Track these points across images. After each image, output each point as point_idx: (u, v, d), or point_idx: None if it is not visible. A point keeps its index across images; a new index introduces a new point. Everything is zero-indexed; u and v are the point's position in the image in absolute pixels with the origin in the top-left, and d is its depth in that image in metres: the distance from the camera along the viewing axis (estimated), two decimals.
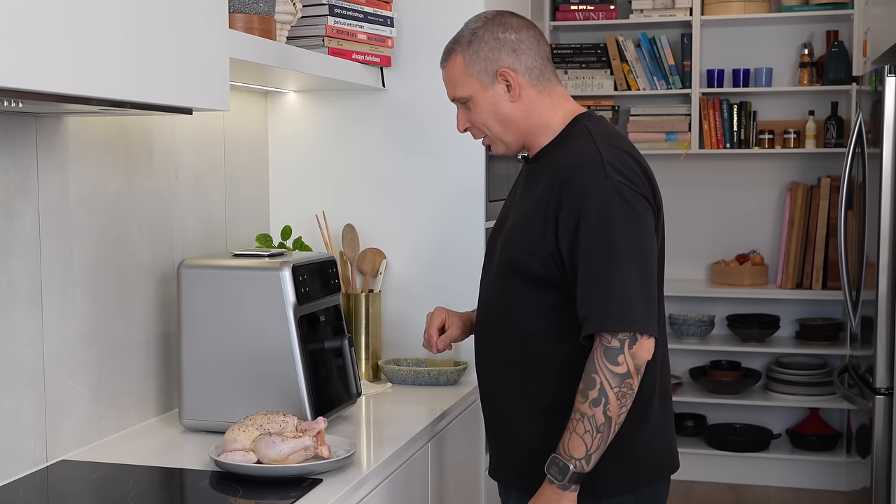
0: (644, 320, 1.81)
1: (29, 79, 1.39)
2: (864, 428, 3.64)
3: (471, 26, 1.99)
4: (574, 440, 1.82)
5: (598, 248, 1.82)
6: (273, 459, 1.91)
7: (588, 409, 1.80)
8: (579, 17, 4.96)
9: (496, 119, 1.99)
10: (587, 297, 1.83)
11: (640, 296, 1.82)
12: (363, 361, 2.79)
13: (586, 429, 1.81)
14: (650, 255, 1.86)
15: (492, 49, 1.95)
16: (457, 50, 1.99)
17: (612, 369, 1.79)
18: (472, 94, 1.98)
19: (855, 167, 3.81)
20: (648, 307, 1.83)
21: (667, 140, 4.93)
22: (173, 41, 1.74)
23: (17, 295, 1.95)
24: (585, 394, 1.81)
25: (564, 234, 1.86)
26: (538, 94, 1.98)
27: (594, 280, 1.82)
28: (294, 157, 2.97)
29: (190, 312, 2.27)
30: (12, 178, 1.93)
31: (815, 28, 4.91)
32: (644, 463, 1.96)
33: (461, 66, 1.98)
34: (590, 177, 1.84)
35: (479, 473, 2.80)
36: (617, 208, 1.82)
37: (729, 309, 5.05)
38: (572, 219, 1.84)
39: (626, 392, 1.81)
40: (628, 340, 1.80)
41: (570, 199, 1.85)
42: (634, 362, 1.80)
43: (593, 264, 1.82)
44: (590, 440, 1.81)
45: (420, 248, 2.89)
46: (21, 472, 1.96)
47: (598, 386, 1.80)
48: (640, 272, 1.83)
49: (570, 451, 1.82)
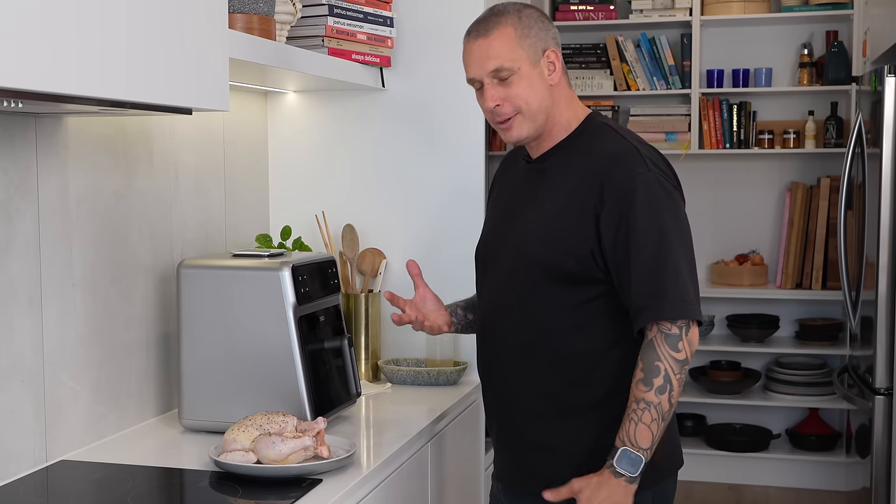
0: (698, 306, 1.85)
1: (29, 79, 1.39)
2: (863, 428, 3.64)
3: (511, 7, 1.95)
4: (641, 430, 1.82)
5: (650, 239, 1.84)
6: (273, 459, 1.91)
7: (654, 398, 1.81)
8: (579, 17, 4.96)
9: (535, 96, 1.94)
10: (643, 288, 1.84)
11: (692, 283, 1.86)
12: (363, 361, 2.79)
13: (653, 417, 1.81)
14: (691, 243, 1.91)
15: (541, 29, 1.95)
16: (506, 21, 1.93)
17: (675, 356, 1.82)
18: (521, 66, 1.92)
19: (854, 167, 3.81)
20: (697, 294, 1.87)
21: (666, 140, 4.93)
22: (173, 41, 1.74)
23: (17, 295, 1.95)
24: (650, 382, 1.81)
25: (608, 228, 1.86)
26: (566, 87, 2.01)
27: (649, 271, 1.83)
28: (294, 158, 2.97)
29: (190, 313, 2.27)
30: (12, 178, 1.93)
31: (815, 28, 4.91)
32: (662, 457, 1.96)
33: (512, 35, 1.92)
34: (633, 170, 1.87)
35: (479, 473, 2.80)
36: (663, 199, 1.86)
37: (728, 309, 5.05)
38: (617, 213, 1.85)
39: (683, 379, 1.85)
40: (685, 327, 1.83)
41: (614, 193, 1.86)
42: (690, 348, 1.84)
43: (646, 255, 1.84)
44: (656, 428, 1.82)
45: (419, 248, 2.89)
46: (21, 472, 1.96)
47: (663, 373, 1.81)
48: (688, 260, 1.87)
49: (639, 441, 1.82)
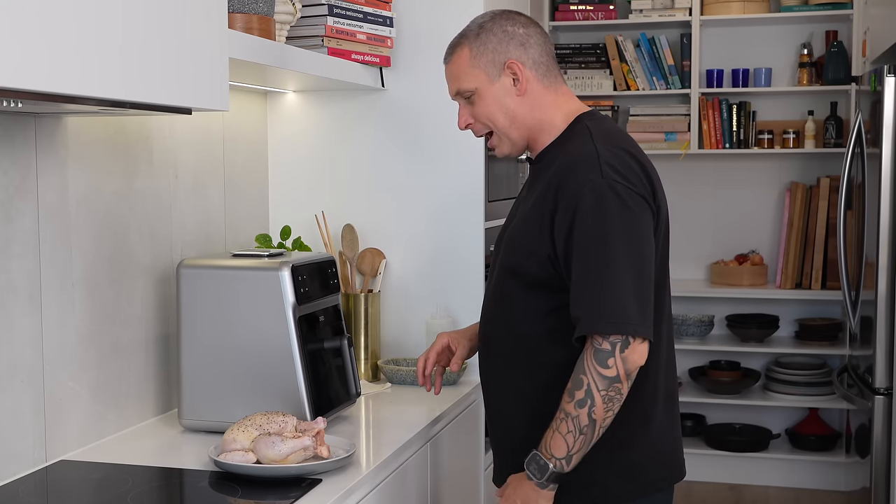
0: (637, 323, 1.77)
1: (29, 79, 1.39)
2: (863, 428, 3.64)
3: (478, 21, 1.98)
4: (556, 439, 1.80)
5: (591, 247, 1.79)
6: (272, 459, 1.91)
7: (573, 410, 1.78)
8: (578, 17, 4.96)
9: (502, 113, 1.96)
10: (579, 297, 1.80)
11: (634, 298, 1.78)
12: (362, 361, 2.79)
13: (569, 429, 1.78)
14: (646, 255, 1.82)
15: (500, 41, 1.94)
16: (463, 43, 1.97)
17: (601, 372, 1.76)
18: (478, 86, 1.95)
19: (854, 167, 3.81)
20: (643, 310, 1.78)
21: (666, 140, 4.93)
22: (173, 41, 1.74)
23: (17, 295, 1.95)
24: (572, 393, 1.78)
25: (559, 233, 1.83)
26: (544, 91, 1.97)
27: (586, 280, 1.79)
28: (293, 157, 2.97)
29: (189, 312, 2.27)
30: (12, 178, 1.93)
31: (815, 28, 4.91)
32: (646, 470, 1.93)
33: (467, 58, 1.95)
34: (585, 176, 1.82)
35: (479, 474, 2.80)
36: (612, 208, 1.79)
37: (728, 309, 5.05)
38: (567, 218, 1.82)
39: (613, 396, 1.77)
40: (620, 343, 1.76)
41: (565, 198, 1.83)
42: (625, 367, 1.76)
43: (586, 264, 1.79)
44: (572, 440, 1.79)
45: (419, 248, 2.89)
46: (20, 472, 1.96)
47: (585, 387, 1.76)
48: (635, 273, 1.79)
49: (552, 449, 1.80)
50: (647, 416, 1.92)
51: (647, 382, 1.90)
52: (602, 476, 1.89)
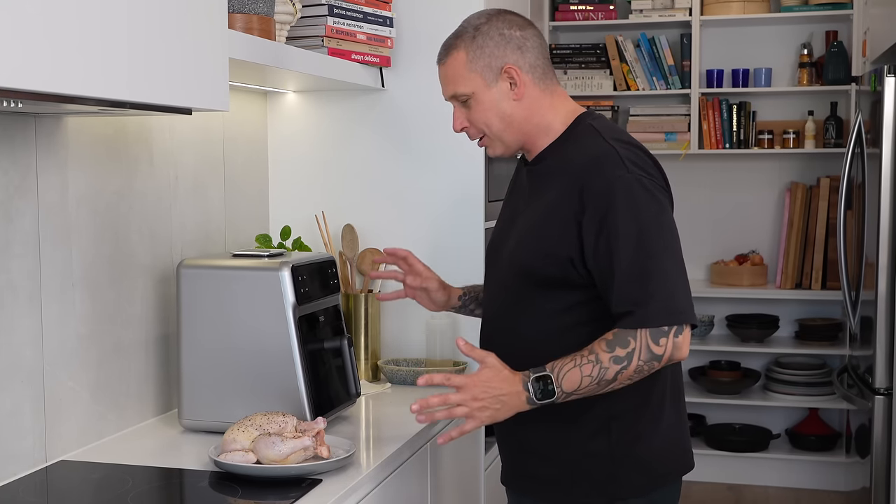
0: (689, 311, 1.81)
1: (30, 79, 1.39)
2: (863, 428, 3.64)
3: (473, 22, 1.95)
4: (573, 375, 1.79)
5: (631, 243, 1.79)
6: (272, 460, 1.91)
7: (607, 361, 1.78)
8: (578, 17, 4.96)
9: (498, 118, 1.94)
10: (625, 293, 1.80)
11: (681, 287, 1.81)
12: (362, 361, 2.79)
13: (591, 374, 1.79)
14: (678, 244, 1.86)
15: (497, 45, 1.91)
16: (459, 45, 1.94)
17: (651, 346, 1.78)
18: (474, 90, 1.93)
19: (854, 167, 3.81)
20: (688, 296, 1.83)
21: (666, 140, 4.93)
22: (173, 41, 1.74)
23: (17, 295, 1.95)
24: (613, 346, 1.78)
25: (589, 234, 1.82)
26: (541, 94, 1.96)
27: (632, 276, 1.79)
28: (293, 158, 2.97)
29: (189, 312, 2.26)
30: (12, 178, 1.93)
31: (815, 28, 4.91)
32: (659, 463, 1.95)
33: (463, 62, 1.92)
34: (612, 173, 1.82)
35: (479, 474, 2.80)
36: (643, 201, 1.81)
37: (728, 309, 5.05)
38: (597, 217, 1.81)
39: (645, 370, 1.80)
40: (676, 328, 1.79)
41: (593, 197, 1.82)
42: (672, 352, 1.80)
43: (629, 260, 1.79)
44: (586, 384, 1.79)
45: (419, 247, 2.88)
46: (20, 473, 1.96)
47: (629, 349, 1.78)
48: (675, 263, 1.83)
49: (563, 380, 1.80)
50: (657, 412, 1.94)
51: (658, 379, 1.92)
52: (619, 472, 1.91)
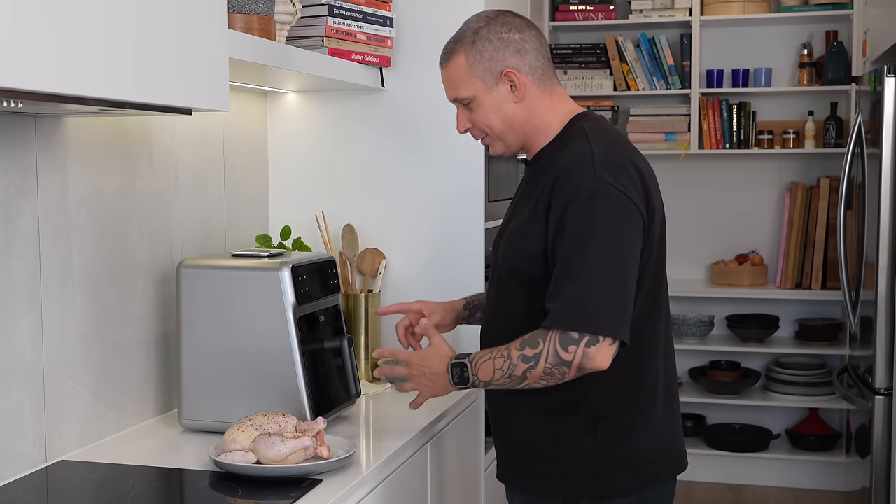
0: (608, 323, 1.79)
1: (35, 80, 1.39)
2: (863, 428, 3.64)
3: (473, 26, 1.96)
4: (487, 366, 1.89)
5: (574, 246, 1.82)
6: (272, 460, 1.91)
7: (516, 358, 1.85)
8: (579, 17, 4.95)
9: (500, 119, 1.97)
10: (554, 292, 1.83)
11: (608, 298, 1.80)
12: (362, 362, 2.79)
13: (501, 367, 1.87)
14: (628, 259, 1.83)
15: (496, 49, 1.93)
16: (459, 50, 1.95)
17: (559, 351, 1.81)
18: (476, 94, 1.95)
19: (854, 167, 3.81)
20: (616, 311, 1.80)
21: (666, 140, 4.93)
22: (173, 41, 1.74)
23: (17, 294, 1.95)
24: (524, 346, 1.84)
25: (550, 232, 1.86)
26: (541, 95, 1.97)
27: (564, 277, 1.82)
28: (293, 158, 2.97)
29: (189, 312, 2.26)
30: (12, 178, 1.93)
31: (815, 28, 4.91)
32: (648, 462, 1.95)
33: (464, 67, 1.94)
34: (579, 177, 1.84)
35: (479, 474, 2.80)
36: (599, 209, 1.81)
37: (728, 309, 5.05)
38: (556, 217, 1.85)
39: (554, 373, 1.82)
40: (588, 339, 1.79)
41: (558, 198, 1.85)
42: (583, 361, 1.80)
43: (567, 262, 1.82)
44: (499, 376, 1.88)
45: (419, 248, 2.89)
46: (20, 473, 1.96)
47: (538, 350, 1.82)
48: (613, 275, 1.81)
49: (479, 370, 1.90)
50: (647, 410, 1.95)
51: (647, 378, 1.93)
52: (606, 470, 1.91)
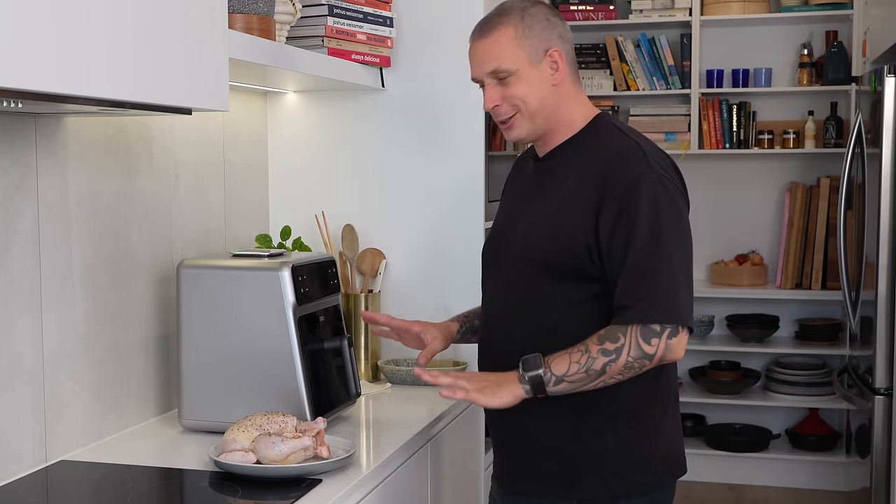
0: (687, 314, 1.82)
1: (36, 80, 1.39)
2: (863, 428, 3.64)
3: (518, 5, 1.95)
4: (563, 359, 1.83)
5: (646, 239, 1.82)
6: (272, 460, 1.91)
7: (595, 352, 1.81)
8: (578, 17, 4.96)
9: (536, 97, 1.94)
10: (630, 287, 1.82)
11: (684, 289, 1.83)
12: (362, 362, 2.79)
13: (579, 360, 1.82)
14: (691, 251, 1.88)
15: (544, 28, 1.94)
16: (506, 21, 1.93)
17: (642, 344, 1.80)
18: (519, 67, 1.92)
19: (854, 167, 3.81)
20: (690, 301, 1.84)
21: (666, 140, 4.93)
22: (173, 41, 1.74)
23: (17, 295, 1.95)
24: (603, 340, 1.81)
25: (606, 224, 1.84)
26: (572, 86, 1.99)
27: (640, 271, 1.82)
28: (293, 158, 2.97)
29: (189, 313, 2.26)
30: (12, 178, 1.93)
31: (815, 28, 4.91)
32: (660, 462, 1.97)
33: (511, 37, 1.92)
34: (636, 169, 1.85)
35: (479, 474, 2.80)
36: (664, 202, 1.83)
37: (728, 309, 5.05)
38: (616, 210, 1.84)
39: (635, 368, 1.81)
40: (670, 330, 1.81)
41: (615, 191, 1.84)
42: (665, 353, 1.81)
43: (640, 256, 1.82)
44: (574, 370, 1.82)
45: (419, 248, 2.89)
46: (20, 473, 1.96)
47: (619, 344, 1.80)
48: (684, 266, 1.85)
49: (552, 363, 1.83)
50: (662, 411, 1.96)
51: (665, 380, 1.95)
52: (625, 469, 1.92)
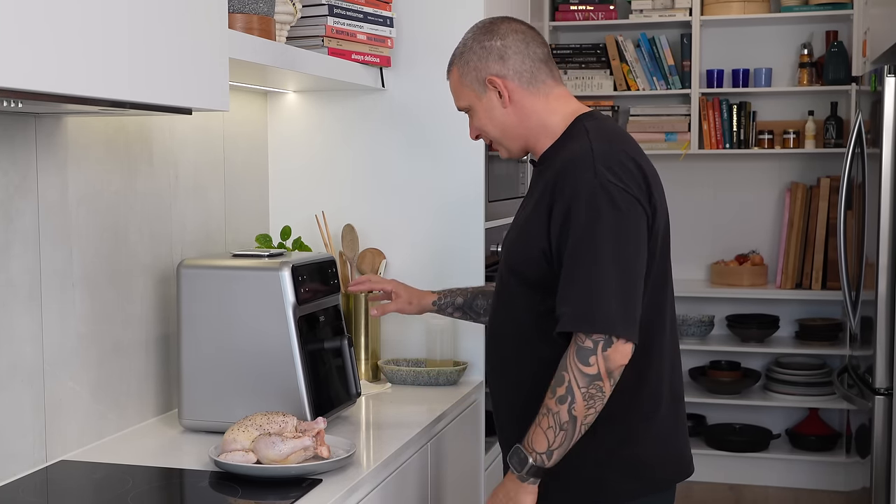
0: (619, 324, 1.78)
1: (32, 80, 1.39)
2: (863, 428, 3.64)
3: (464, 38, 2.05)
4: (538, 434, 1.82)
5: (580, 247, 1.81)
6: (273, 460, 1.91)
7: (554, 406, 1.80)
8: (579, 17, 4.96)
9: (493, 125, 2.03)
10: (564, 294, 1.82)
11: (618, 298, 1.79)
12: (363, 362, 2.79)
13: (549, 424, 1.80)
14: (634, 258, 1.83)
15: (479, 58, 1.99)
16: (454, 62, 2.05)
17: (582, 369, 1.78)
18: (471, 103, 2.04)
19: (854, 167, 3.81)
20: (626, 311, 1.80)
21: (666, 140, 4.93)
22: (173, 41, 1.74)
23: (17, 294, 1.95)
24: (554, 390, 1.80)
25: (553, 233, 1.86)
26: (531, 98, 1.99)
27: (572, 279, 1.81)
28: (293, 158, 2.97)
29: (189, 312, 2.27)
30: (12, 178, 1.93)
31: (815, 28, 4.91)
32: (649, 468, 1.94)
33: (457, 78, 2.04)
34: (580, 176, 1.84)
35: (479, 473, 2.80)
36: (602, 208, 1.81)
37: (728, 309, 5.05)
38: (559, 218, 1.85)
39: (594, 394, 1.79)
40: (602, 342, 1.78)
41: (559, 197, 1.85)
42: (606, 365, 1.78)
43: (573, 263, 1.82)
44: (552, 436, 1.80)
45: (419, 248, 2.89)
46: (20, 473, 1.96)
47: (566, 384, 1.79)
48: (621, 275, 1.80)
49: (533, 444, 1.82)
50: (649, 414, 1.93)
51: (649, 381, 1.91)
52: (606, 474, 1.90)
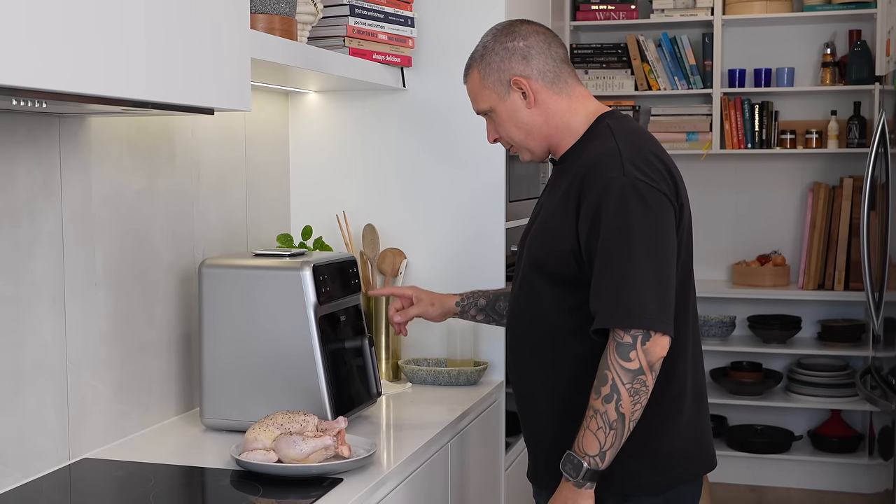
0: (656, 317, 1.80)
1: (53, 79, 1.39)
2: (886, 430, 3.61)
3: (483, 40, 2.05)
4: (588, 437, 1.82)
5: (612, 243, 1.82)
6: (293, 459, 1.91)
7: (601, 406, 1.80)
8: (600, 17, 4.94)
9: (517, 127, 2.03)
10: (599, 292, 1.83)
11: (653, 293, 1.81)
12: (383, 361, 2.79)
13: (599, 425, 1.81)
14: (666, 253, 1.85)
15: (502, 59, 2.00)
16: (473, 65, 2.05)
17: (624, 365, 1.79)
18: (492, 105, 2.03)
19: (878, 167, 3.78)
20: (662, 305, 1.82)
21: (688, 140, 4.91)
22: (195, 42, 1.75)
23: (41, 295, 1.96)
24: (598, 390, 1.81)
25: (583, 230, 1.87)
26: (555, 97, 2.00)
27: (607, 275, 1.83)
28: (315, 157, 2.98)
29: (211, 312, 2.27)
30: (35, 178, 1.95)
31: (838, 27, 4.88)
32: (675, 461, 1.95)
33: (478, 80, 2.03)
34: (608, 173, 1.85)
35: (499, 473, 2.80)
36: (633, 205, 1.83)
37: (750, 310, 5.02)
38: (589, 215, 1.86)
39: (638, 388, 1.80)
40: (641, 337, 1.79)
41: (588, 195, 1.86)
42: (647, 359, 1.80)
43: (607, 259, 1.83)
44: (603, 437, 1.81)
45: (440, 247, 2.89)
46: (44, 471, 1.97)
47: (611, 382, 1.80)
48: (655, 270, 1.82)
49: (584, 447, 1.83)
50: (674, 409, 1.94)
51: (675, 377, 1.92)
52: (632, 468, 1.90)
